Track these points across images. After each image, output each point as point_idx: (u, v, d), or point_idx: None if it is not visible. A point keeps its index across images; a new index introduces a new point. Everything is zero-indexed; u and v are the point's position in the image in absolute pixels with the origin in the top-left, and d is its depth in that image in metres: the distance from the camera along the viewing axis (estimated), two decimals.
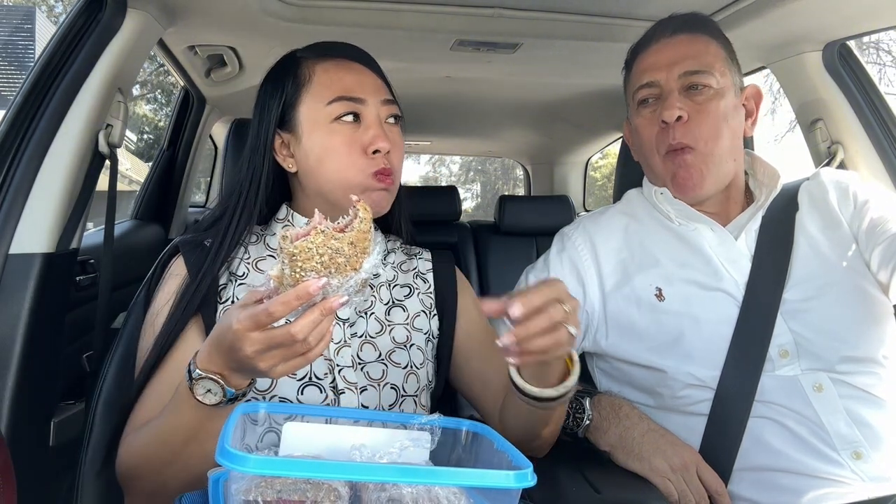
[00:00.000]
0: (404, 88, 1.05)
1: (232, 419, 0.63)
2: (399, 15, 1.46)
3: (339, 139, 0.91)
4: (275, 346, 0.63)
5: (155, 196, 2.12)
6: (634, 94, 1.08)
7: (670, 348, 1.00)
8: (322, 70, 0.93)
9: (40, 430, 1.11)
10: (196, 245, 0.93)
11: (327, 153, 0.91)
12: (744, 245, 1.04)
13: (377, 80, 0.96)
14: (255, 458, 0.53)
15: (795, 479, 0.90)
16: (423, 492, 0.58)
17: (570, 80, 2.04)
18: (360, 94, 0.92)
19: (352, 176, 0.91)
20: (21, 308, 1.02)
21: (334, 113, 0.91)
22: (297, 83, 0.93)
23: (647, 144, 1.07)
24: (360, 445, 0.66)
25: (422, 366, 0.95)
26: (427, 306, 1.00)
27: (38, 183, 1.07)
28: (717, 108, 1.01)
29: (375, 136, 0.91)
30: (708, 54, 1.03)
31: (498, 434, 0.69)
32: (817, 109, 1.52)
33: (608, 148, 3.31)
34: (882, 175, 1.44)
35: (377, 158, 0.91)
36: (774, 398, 0.94)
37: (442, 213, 2.59)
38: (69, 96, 1.12)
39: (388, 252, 1.03)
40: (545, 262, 1.15)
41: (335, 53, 0.96)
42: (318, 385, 0.87)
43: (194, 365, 0.70)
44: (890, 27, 1.41)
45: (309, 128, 0.92)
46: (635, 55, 1.10)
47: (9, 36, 10.90)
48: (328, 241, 0.61)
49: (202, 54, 1.70)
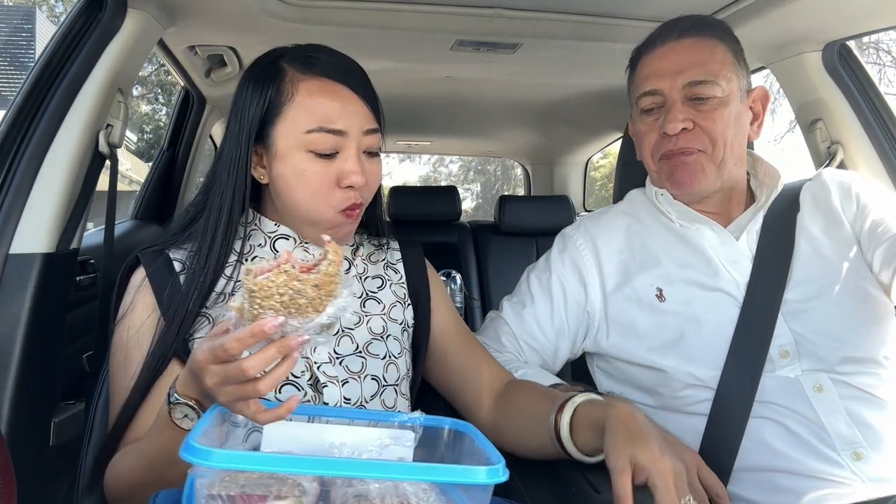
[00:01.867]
0: (404, 88, 1.05)
1: (206, 417, 0.63)
2: (399, 15, 1.46)
3: (312, 169, 0.86)
4: (230, 380, 0.62)
5: (155, 196, 2.12)
6: (637, 100, 1.07)
7: (671, 348, 1.00)
8: (306, 91, 0.86)
9: (40, 430, 1.11)
10: (157, 255, 0.90)
11: (299, 181, 0.87)
12: (745, 245, 1.03)
13: (363, 107, 0.89)
14: (218, 452, 0.53)
15: (795, 480, 0.90)
16: (391, 487, 0.57)
17: (570, 80, 2.04)
18: (343, 125, 0.86)
19: (321, 210, 0.88)
20: (21, 308, 1.02)
21: (311, 144, 0.85)
22: (279, 98, 0.87)
23: (646, 149, 1.07)
24: (340, 444, 0.66)
25: (399, 355, 0.95)
26: (401, 297, 1.01)
27: (38, 183, 1.07)
28: (722, 116, 0.99)
29: (351, 171, 0.86)
30: (714, 61, 1.01)
31: (478, 431, 0.68)
32: (817, 109, 1.52)
33: (608, 148, 3.31)
34: (882, 175, 1.44)
35: (349, 193, 0.87)
36: (775, 398, 0.94)
37: (442, 213, 2.59)
38: (69, 96, 1.12)
39: (357, 246, 1.02)
40: (547, 261, 1.15)
41: (322, 70, 0.88)
42: (294, 384, 0.86)
43: (174, 389, 0.70)
44: (890, 27, 1.41)
45: (283, 150, 0.87)
46: (639, 56, 1.08)
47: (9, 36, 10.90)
48: (290, 281, 0.59)
49: (202, 54, 1.70)
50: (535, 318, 1.11)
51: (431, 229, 2.53)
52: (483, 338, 1.13)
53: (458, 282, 2.17)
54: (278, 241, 0.94)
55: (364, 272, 1.00)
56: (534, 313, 1.11)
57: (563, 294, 1.10)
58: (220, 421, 0.68)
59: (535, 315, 1.11)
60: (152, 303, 0.87)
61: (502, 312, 1.15)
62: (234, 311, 0.62)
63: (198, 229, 0.91)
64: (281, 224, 0.94)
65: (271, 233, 0.94)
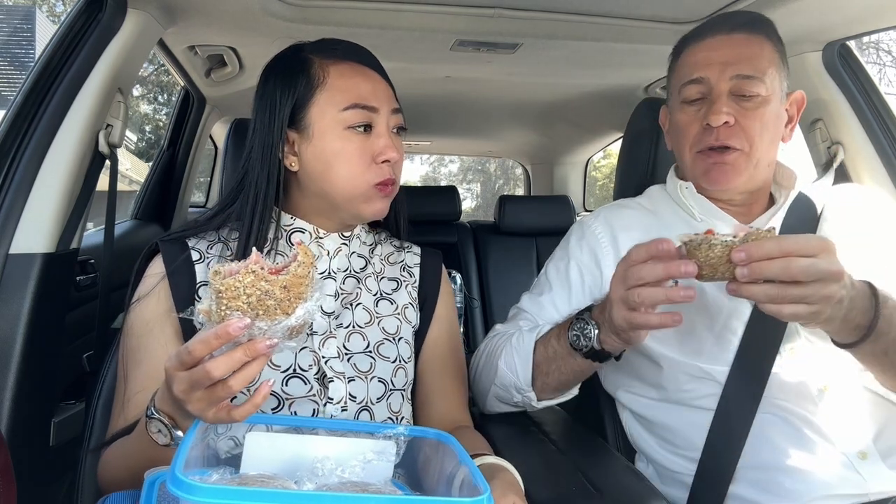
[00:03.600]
0: (404, 88, 1.05)
1: (188, 438, 0.61)
2: (399, 15, 1.46)
3: (350, 146, 0.90)
4: (196, 385, 0.60)
5: (155, 196, 2.12)
6: (680, 89, 1.04)
7: (681, 341, 1.00)
8: (337, 73, 0.91)
9: (40, 430, 1.11)
10: (176, 244, 0.91)
11: (337, 159, 0.90)
12: None
13: (388, 88, 0.96)
14: (206, 487, 0.52)
15: (799, 480, 0.90)
16: None
17: (570, 80, 2.04)
18: (375, 102, 0.91)
19: (358, 184, 0.91)
20: (21, 308, 1.02)
21: (349, 120, 0.90)
22: (311, 83, 0.91)
23: (685, 140, 1.05)
24: (323, 458, 0.65)
25: (409, 360, 0.96)
26: (413, 299, 1.01)
27: (38, 183, 1.07)
28: (763, 115, 0.99)
29: (386, 146, 0.91)
30: (763, 58, 1.01)
31: (461, 447, 0.68)
32: (817, 109, 1.52)
33: (608, 148, 3.31)
34: (882, 175, 1.44)
35: (384, 168, 0.91)
36: (781, 396, 0.94)
37: (442, 213, 2.59)
38: (69, 96, 1.12)
39: (375, 244, 1.04)
40: (564, 249, 1.15)
41: (348, 56, 0.94)
42: (301, 377, 0.87)
43: (152, 402, 0.70)
44: (890, 27, 1.41)
45: (320, 130, 0.90)
46: (685, 45, 1.07)
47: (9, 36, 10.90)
48: (258, 281, 0.58)
49: (202, 54, 1.71)
50: (553, 303, 1.11)
51: (431, 229, 2.53)
52: (504, 328, 1.13)
53: (458, 282, 2.17)
54: (294, 235, 0.95)
55: (381, 272, 1.01)
56: (552, 300, 1.11)
57: (580, 279, 1.11)
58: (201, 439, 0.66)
59: (553, 301, 1.11)
60: (168, 297, 0.88)
61: (521, 304, 1.15)
62: (202, 314, 0.60)
63: (226, 218, 0.93)
64: (297, 217, 0.95)
65: (287, 226, 0.95)
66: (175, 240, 0.92)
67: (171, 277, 0.88)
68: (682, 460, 1.00)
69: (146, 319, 0.87)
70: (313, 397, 0.86)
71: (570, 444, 1.03)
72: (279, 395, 0.85)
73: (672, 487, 1.01)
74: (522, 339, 1.02)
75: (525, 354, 1.00)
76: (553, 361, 0.98)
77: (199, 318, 0.61)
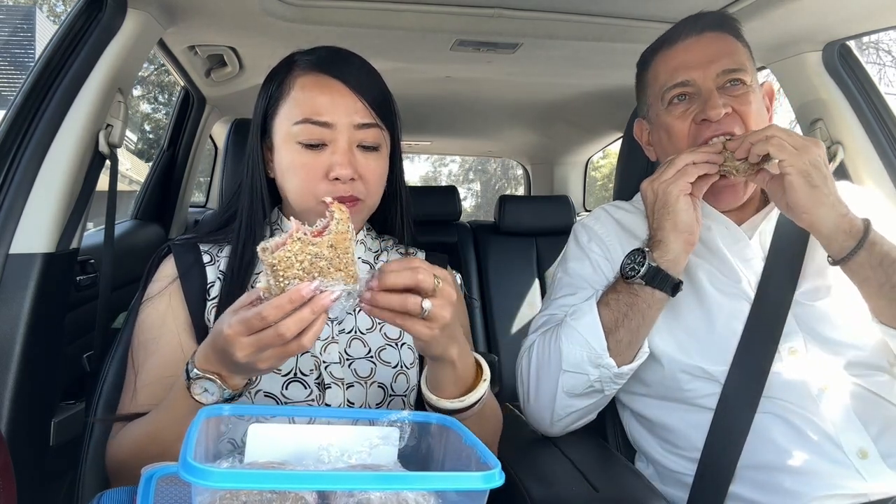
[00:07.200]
0: (404, 88, 1.05)
1: (195, 426, 0.61)
2: (399, 15, 1.46)
3: (299, 160, 0.88)
4: (266, 346, 0.64)
5: (155, 196, 2.12)
6: (663, 95, 1.05)
7: (681, 340, 1.00)
8: (299, 85, 0.90)
9: (40, 430, 1.11)
10: (188, 249, 0.93)
11: (290, 171, 0.89)
12: (757, 245, 1.04)
13: (356, 101, 0.89)
14: (218, 471, 0.52)
15: (799, 480, 0.90)
16: (392, 495, 0.58)
17: (570, 80, 2.04)
18: (330, 118, 0.87)
19: (307, 199, 0.89)
20: (21, 308, 1.02)
21: (298, 135, 0.88)
22: (279, 92, 0.91)
23: (679, 140, 1.04)
24: (327, 445, 0.66)
25: (411, 365, 0.95)
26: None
27: (38, 183, 1.07)
28: (753, 101, 1.01)
29: (337, 163, 0.87)
30: (739, 53, 1.03)
31: (466, 429, 0.69)
32: (817, 109, 1.52)
33: (608, 148, 3.31)
34: (882, 175, 1.44)
35: (336, 185, 0.87)
36: (781, 396, 0.94)
37: (442, 213, 2.59)
38: (69, 96, 1.12)
39: (381, 251, 1.03)
40: (577, 248, 1.15)
41: (319, 66, 0.91)
42: (302, 381, 0.87)
43: (192, 364, 0.71)
44: (890, 27, 1.41)
45: (279, 141, 0.91)
46: (655, 53, 1.08)
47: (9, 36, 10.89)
48: (306, 247, 0.62)
49: (202, 54, 1.70)
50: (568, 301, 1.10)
51: (431, 229, 2.53)
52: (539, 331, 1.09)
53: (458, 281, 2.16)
54: None
55: None
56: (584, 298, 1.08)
57: (592, 271, 1.11)
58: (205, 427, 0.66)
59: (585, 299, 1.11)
60: (180, 296, 0.90)
61: (547, 310, 1.12)
62: (263, 292, 0.64)
63: (230, 230, 0.95)
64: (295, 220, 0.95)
65: (281, 229, 0.95)
66: (188, 245, 0.94)
67: (183, 279, 0.91)
68: (682, 460, 1.00)
69: (161, 312, 0.89)
70: (312, 402, 0.86)
71: (570, 444, 1.03)
72: (278, 398, 0.85)
73: (672, 487, 1.01)
74: (580, 311, 1.00)
75: (591, 320, 0.97)
76: (617, 311, 0.96)
77: (263, 295, 0.65)
